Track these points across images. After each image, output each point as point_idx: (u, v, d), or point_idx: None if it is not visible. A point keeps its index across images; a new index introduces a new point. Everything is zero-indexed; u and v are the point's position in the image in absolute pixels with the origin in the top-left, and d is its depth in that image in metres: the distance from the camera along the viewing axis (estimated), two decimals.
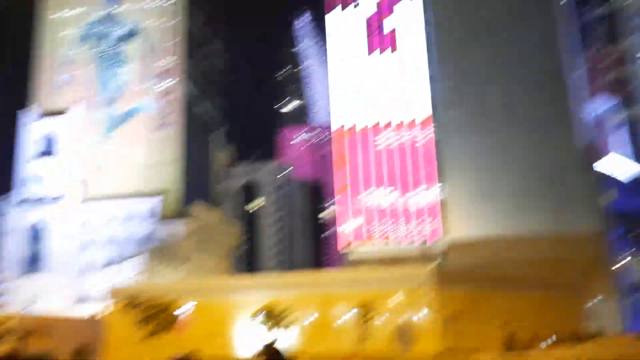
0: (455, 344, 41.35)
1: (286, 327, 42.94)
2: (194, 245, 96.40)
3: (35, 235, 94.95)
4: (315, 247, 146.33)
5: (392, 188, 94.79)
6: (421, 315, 42.58)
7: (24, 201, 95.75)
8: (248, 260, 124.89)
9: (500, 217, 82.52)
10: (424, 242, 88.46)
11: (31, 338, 36.76)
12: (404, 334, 40.39)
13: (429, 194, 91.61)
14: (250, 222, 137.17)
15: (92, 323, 56.77)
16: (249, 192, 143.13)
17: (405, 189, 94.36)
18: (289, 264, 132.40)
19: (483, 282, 47.94)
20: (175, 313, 30.75)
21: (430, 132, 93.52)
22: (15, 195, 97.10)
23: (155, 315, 28.33)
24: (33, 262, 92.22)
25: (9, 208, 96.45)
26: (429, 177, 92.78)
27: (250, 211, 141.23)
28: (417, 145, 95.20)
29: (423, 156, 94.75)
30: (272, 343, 7.93)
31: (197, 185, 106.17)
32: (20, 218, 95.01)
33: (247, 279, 61.83)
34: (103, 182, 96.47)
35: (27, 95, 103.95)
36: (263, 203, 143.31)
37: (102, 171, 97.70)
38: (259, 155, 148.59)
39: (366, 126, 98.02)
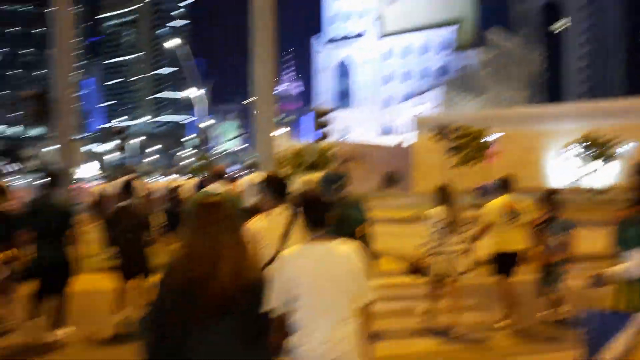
0: None
1: (606, 158, 38.33)
2: (491, 75, 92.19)
3: (343, 71, 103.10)
4: (633, 69, 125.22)
5: None
6: None
7: (331, 40, 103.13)
8: (551, 88, 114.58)
9: None
10: None
11: (350, 163, 40.49)
12: None
13: None
14: (553, 46, 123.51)
15: (400, 151, 60.59)
16: (552, 11, 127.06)
17: None
18: (600, 90, 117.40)
19: None
20: (484, 141, 29.76)
21: None
22: (324, 34, 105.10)
23: (465, 144, 27.76)
24: (342, 97, 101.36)
25: (320, 47, 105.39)
26: None
27: (554, 33, 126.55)
28: None
29: None
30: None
31: (492, 9, 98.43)
32: (330, 56, 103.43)
33: (556, 107, 56.53)
34: (398, 16, 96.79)
35: None
36: (569, 23, 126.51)
37: (396, 5, 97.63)
38: None
39: None
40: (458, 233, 6.11)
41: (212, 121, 73.11)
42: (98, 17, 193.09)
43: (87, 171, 69.24)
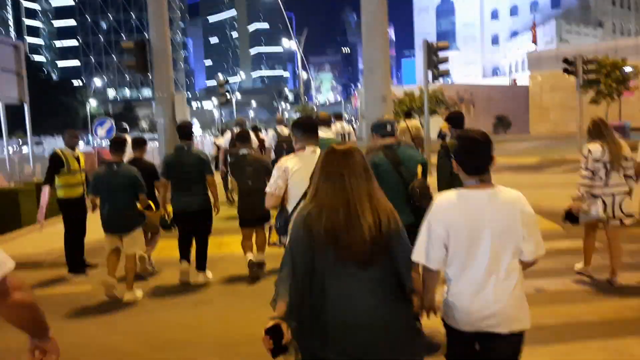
0: None
1: None
2: (611, 2, 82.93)
3: (444, 10, 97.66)
4: None
5: None
6: None
7: None
8: None
9: None
10: None
11: (463, 105, 38.17)
12: None
13: None
14: None
15: (513, 91, 56.42)
16: None
17: None
18: None
19: None
20: (626, 73, 25.82)
21: None
22: None
23: (601, 78, 24.10)
24: (445, 39, 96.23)
25: None
26: None
27: None
28: None
29: None
30: None
31: None
32: None
33: None
34: None
35: None
36: None
37: None
38: None
39: None
40: (618, 171, 5.38)
41: (306, 75, 72.51)
42: None
43: (195, 127, 71.42)
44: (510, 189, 2.53)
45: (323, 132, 6.13)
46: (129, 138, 7.84)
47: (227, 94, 18.75)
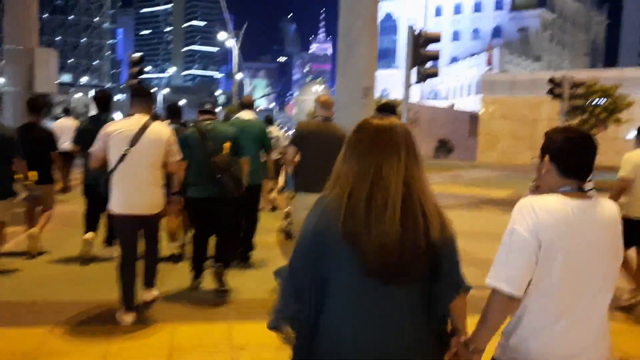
0: None
1: None
2: (549, 39, 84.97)
3: (386, 29, 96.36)
4: None
5: None
6: None
7: None
8: (608, 55, 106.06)
9: None
10: None
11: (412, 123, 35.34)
12: None
13: None
14: (614, 12, 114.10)
15: (458, 115, 54.59)
16: None
17: None
18: None
19: None
20: (625, 101, 23.22)
21: None
22: None
23: (589, 105, 21.48)
24: (384, 57, 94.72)
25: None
26: None
27: None
28: None
29: None
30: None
31: None
32: None
33: None
34: None
35: None
36: None
37: None
38: None
39: None
40: None
41: (242, 75, 69.01)
42: None
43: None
44: (608, 201, 2.05)
45: (246, 115, 6.32)
46: None
47: (138, 76, 14.19)
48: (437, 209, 1.76)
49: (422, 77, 11.35)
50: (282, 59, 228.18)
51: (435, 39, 11.47)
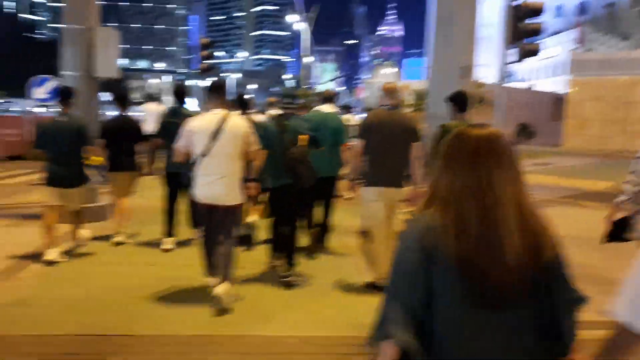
0: None
1: None
2: (638, 16, 78.71)
3: None
4: None
5: None
6: None
7: None
8: None
9: None
10: None
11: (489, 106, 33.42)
12: None
13: None
14: None
15: (541, 97, 51.80)
16: None
17: None
18: None
19: None
20: None
21: None
22: None
23: None
24: None
25: None
26: None
27: None
28: None
29: None
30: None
31: None
32: None
33: None
34: None
35: None
36: None
37: None
38: None
39: None
40: None
41: (313, 59, 68.68)
42: None
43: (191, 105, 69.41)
44: None
45: (327, 108, 6.62)
46: None
47: (209, 60, 13.65)
48: (546, 222, 1.60)
49: (522, 55, 9.95)
50: (350, 41, 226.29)
51: (538, 10, 10.00)
